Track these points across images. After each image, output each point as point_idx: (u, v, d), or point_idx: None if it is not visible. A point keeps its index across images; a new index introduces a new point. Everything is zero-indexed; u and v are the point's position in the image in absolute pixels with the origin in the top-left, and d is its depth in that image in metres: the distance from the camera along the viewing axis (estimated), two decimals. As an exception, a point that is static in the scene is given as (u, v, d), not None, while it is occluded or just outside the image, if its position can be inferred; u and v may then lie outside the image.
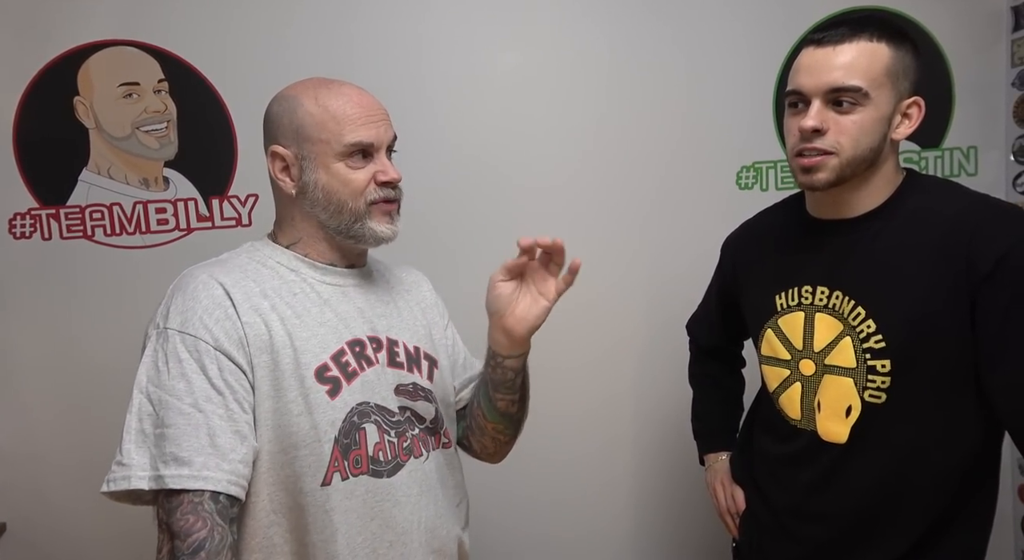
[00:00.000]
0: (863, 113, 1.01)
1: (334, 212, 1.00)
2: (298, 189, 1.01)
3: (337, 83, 1.02)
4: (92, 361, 1.73)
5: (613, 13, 1.74)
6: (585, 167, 1.78)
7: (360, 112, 0.99)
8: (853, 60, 1.00)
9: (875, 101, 1.01)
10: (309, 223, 1.03)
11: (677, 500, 1.86)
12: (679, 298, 1.80)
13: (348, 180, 0.99)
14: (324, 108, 0.99)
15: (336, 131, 0.98)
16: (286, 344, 0.96)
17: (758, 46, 1.76)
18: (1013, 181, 1.78)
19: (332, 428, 0.96)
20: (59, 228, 1.72)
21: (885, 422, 1.04)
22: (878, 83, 1.01)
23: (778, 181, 1.80)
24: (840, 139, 1.01)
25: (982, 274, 0.96)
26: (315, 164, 0.99)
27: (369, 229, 1.01)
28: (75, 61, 1.67)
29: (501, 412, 1.13)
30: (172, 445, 0.87)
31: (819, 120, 1.02)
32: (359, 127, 0.99)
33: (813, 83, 1.02)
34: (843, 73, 1.00)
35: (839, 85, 1.00)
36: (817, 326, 1.10)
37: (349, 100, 1.00)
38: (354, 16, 1.71)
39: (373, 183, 1.00)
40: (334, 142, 0.98)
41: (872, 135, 1.02)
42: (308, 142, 0.99)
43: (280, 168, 1.01)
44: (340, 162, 0.99)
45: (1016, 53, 1.75)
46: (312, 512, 0.95)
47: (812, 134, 1.02)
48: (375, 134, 1.00)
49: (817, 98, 1.02)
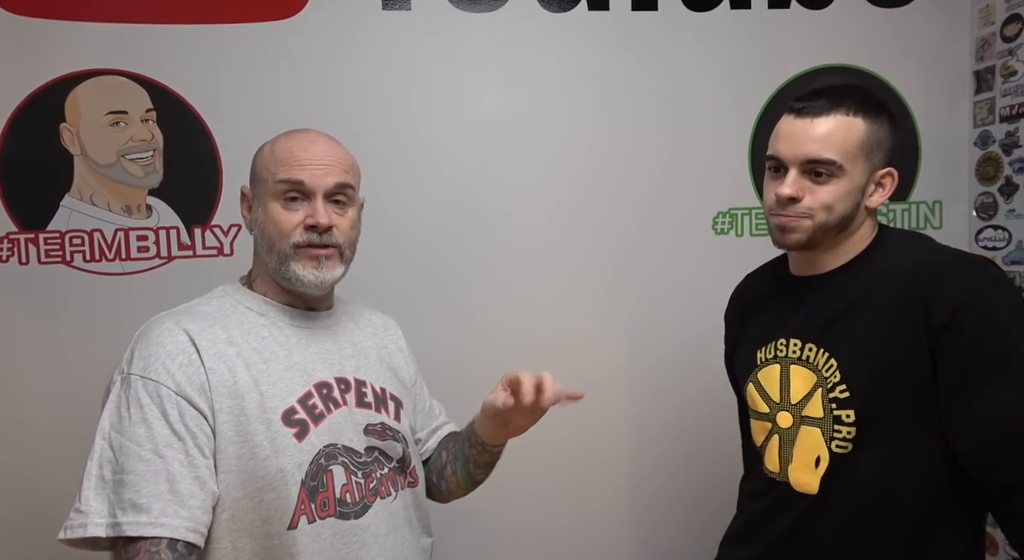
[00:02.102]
0: (837, 184, 1.05)
1: (267, 250, 1.03)
2: (251, 226, 1.06)
3: (305, 131, 1.05)
4: (65, 388, 1.70)
5: (595, 63, 1.80)
6: (566, 210, 1.81)
7: (304, 156, 1.01)
8: (829, 133, 1.05)
9: (849, 173, 1.05)
10: (259, 259, 1.07)
11: (673, 520, 1.87)
12: (656, 338, 1.84)
13: (278, 220, 1.01)
14: (274, 150, 1.03)
15: (273, 170, 1.01)
16: (252, 389, 0.96)
17: (735, 96, 1.82)
18: (975, 235, 1.85)
19: (299, 471, 0.96)
20: (37, 253, 1.70)
21: (853, 472, 1.06)
22: (852, 156, 1.05)
23: (752, 227, 1.85)
24: (814, 206, 1.06)
25: (939, 325, 0.98)
26: (259, 202, 1.03)
27: (293, 272, 1.01)
28: (64, 88, 1.68)
29: (475, 481, 1.19)
30: (131, 491, 0.87)
31: (795, 189, 1.06)
32: (293, 167, 1.00)
33: (791, 152, 1.07)
34: (819, 146, 1.05)
35: (815, 157, 1.05)
36: (792, 378, 1.13)
37: (299, 143, 1.02)
38: (344, 53, 1.74)
39: (302, 226, 1.01)
40: (270, 180, 1.01)
41: (845, 203, 1.06)
42: (256, 181, 1.05)
43: (245, 209, 1.08)
44: (276, 201, 1.01)
45: (978, 114, 1.83)
46: (278, 556, 0.94)
47: (788, 201, 1.07)
48: (308, 175, 1.00)
49: (794, 167, 1.07)
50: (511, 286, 1.80)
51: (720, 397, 1.46)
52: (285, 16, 1.72)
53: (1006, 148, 1.76)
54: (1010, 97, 1.74)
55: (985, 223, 1.83)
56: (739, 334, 1.29)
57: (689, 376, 1.82)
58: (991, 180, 1.80)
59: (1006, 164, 1.76)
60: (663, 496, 1.86)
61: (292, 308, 1.06)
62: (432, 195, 1.76)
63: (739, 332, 1.29)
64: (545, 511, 1.84)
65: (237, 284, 1.08)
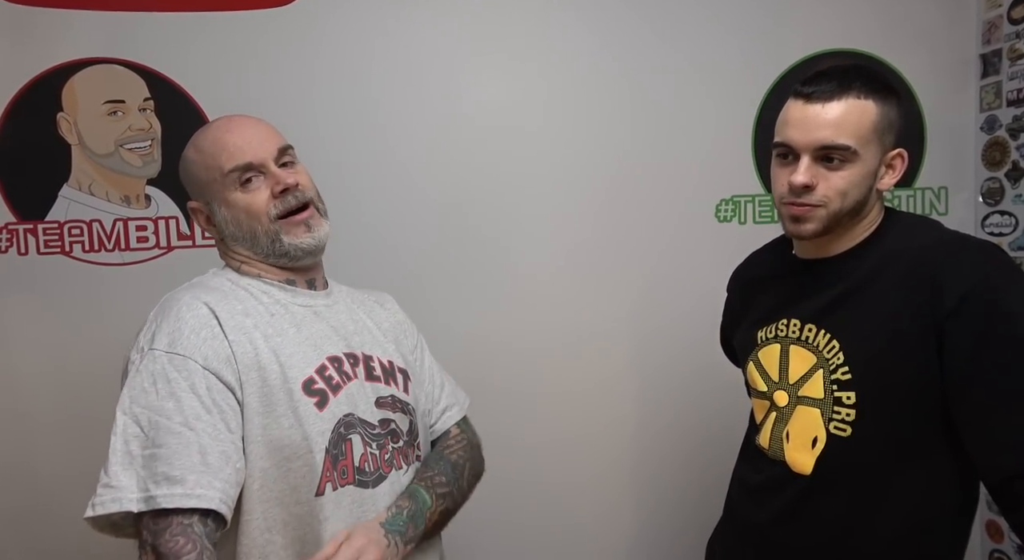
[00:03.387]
0: (852, 169, 1.03)
1: (250, 238, 1.02)
2: (219, 232, 1.04)
3: (216, 121, 1.05)
4: (66, 379, 1.70)
5: (595, 50, 1.78)
6: (566, 199, 1.80)
7: (230, 137, 1.01)
8: (842, 118, 1.02)
9: (863, 158, 1.03)
10: (240, 256, 1.06)
11: (676, 522, 1.86)
12: (659, 327, 1.83)
13: (247, 205, 1.01)
14: (199, 150, 1.02)
15: (216, 166, 1.00)
16: (272, 360, 0.97)
17: (738, 82, 1.80)
18: (982, 221, 1.83)
19: (322, 438, 0.97)
20: (36, 243, 1.70)
21: (849, 456, 1.05)
22: (866, 140, 1.03)
23: (756, 214, 1.83)
24: (829, 194, 1.04)
25: (947, 310, 0.97)
26: (218, 204, 1.02)
27: (289, 244, 1.02)
28: (60, 77, 1.67)
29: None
30: (164, 464, 0.87)
31: (809, 177, 1.03)
32: (234, 152, 1.00)
33: (803, 139, 1.04)
34: (832, 132, 1.02)
35: (828, 143, 1.02)
36: (792, 358, 1.12)
37: (216, 132, 1.02)
38: (341, 40, 1.73)
39: (272, 198, 1.01)
40: (220, 177, 1.00)
41: (860, 189, 1.04)
42: (203, 186, 1.02)
43: (204, 221, 1.05)
44: (236, 192, 1.00)
45: (984, 99, 1.81)
46: (308, 522, 0.96)
47: (802, 190, 1.04)
48: (253, 151, 1.01)
49: (806, 154, 1.04)
50: (513, 275, 1.79)
51: (727, 386, 1.46)
52: (283, 3, 1.71)
53: (1013, 133, 1.74)
54: (1017, 81, 1.72)
55: (991, 209, 1.81)
56: (740, 312, 1.29)
57: (693, 365, 1.81)
58: (998, 165, 1.79)
59: (1013, 149, 1.74)
60: (670, 492, 1.86)
61: (291, 286, 1.06)
62: (432, 187, 1.75)
63: (740, 309, 1.29)
64: (556, 506, 1.84)
65: (228, 269, 1.08)
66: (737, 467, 1.29)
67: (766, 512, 1.15)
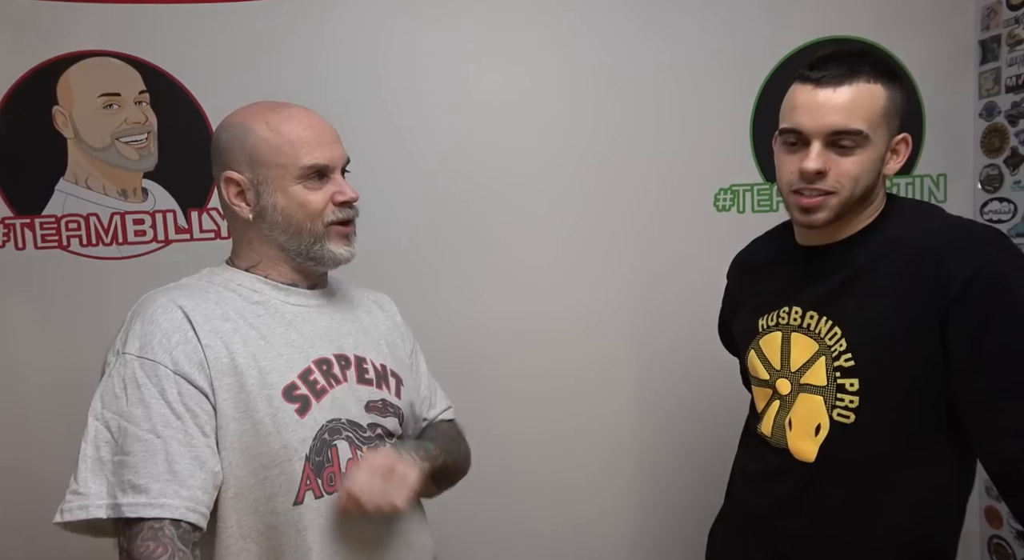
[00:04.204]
0: (863, 154, 1.02)
1: (293, 234, 1.01)
2: (256, 213, 1.01)
3: (285, 106, 1.03)
4: (64, 373, 1.70)
5: (593, 38, 1.77)
6: (564, 186, 1.80)
7: (313, 134, 1.01)
8: (853, 102, 1.01)
9: (874, 142, 1.02)
10: (268, 246, 1.03)
11: (671, 500, 1.87)
12: (658, 316, 1.83)
13: (306, 202, 1.00)
14: (277, 132, 1.00)
15: (292, 155, 0.99)
16: (250, 365, 0.95)
17: (736, 71, 1.79)
18: (980, 209, 1.83)
19: (303, 446, 0.96)
20: (33, 238, 1.70)
21: (853, 443, 1.05)
22: (876, 124, 1.02)
23: (755, 203, 1.83)
24: (841, 180, 1.03)
25: (950, 295, 0.97)
26: (272, 188, 1.00)
27: (328, 251, 1.03)
28: (55, 70, 1.66)
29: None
30: (130, 473, 0.86)
31: (821, 162, 1.02)
32: (314, 149, 1.00)
33: (814, 124, 1.03)
34: (844, 116, 1.01)
35: (841, 128, 1.01)
36: (793, 345, 1.12)
37: (300, 123, 1.01)
38: (338, 32, 1.72)
39: (331, 204, 1.02)
40: (291, 166, 0.99)
41: (871, 174, 1.04)
42: (264, 167, 1.00)
43: (235, 194, 1.02)
44: (298, 184, 1.00)
45: (983, 85, 1.80)
46: (285, 532, 0.95)
47: (815, 176, 1.03)
48: (330, 156, 1.02)
49: (818, 140, 1.03)
50: (511, 265, 1.79)
51: (727, 375, 1.46)
52: (279, -6, 1.70)
53: (1012, 119, 1.73)
54: (1016, 66, 1.71)
55: (990, 195, 1.81)
56: (740, 299, 1.28)
57: (693, 355, 1.81)
58: (997, 152, 1.78)
59: (1012, 135, 1.74)
60: (670, 483, 1.87)
61: (292, 287, 1.05)
62: (428, 178, 1.75)
63: (740, 297, 1.28)
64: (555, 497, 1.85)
65: (224, 265, 1.07)
66: (738, 455, 1.29)
67: (768, 500, 1.15)
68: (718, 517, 1.33)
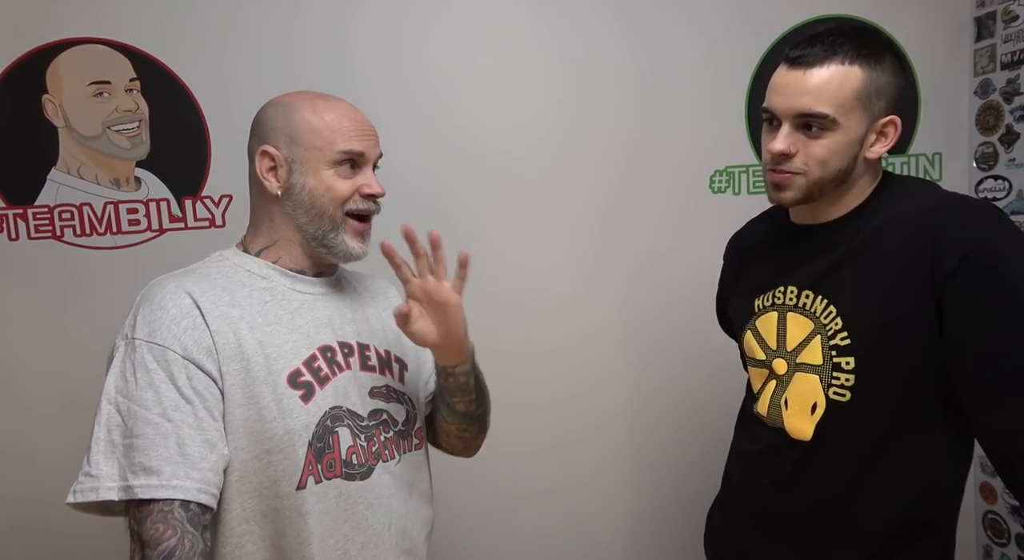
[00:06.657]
0: (832, 138, 1.02)
1: (315, 216, 1.03)
2: (284, 190, 1.03)
3: (335, 98, 1.07)
4: (60, 364, 1.70)
5: (587, 19, 1.76)
6: (559, 169, 1.79)
7: (353, 125, 1.04)
8: (822, 86, 1.01)
9: (844, 126, 1.02)
10: (287, 226, 1.04)
11: (669, 490, 1.89)
12: (653, 299, 1.83)
13: (333, 187, 1.02)
14: (321, 118, 1.03)
15: (330, 139, 1.02)
16: (257, 351, 0.96)
17: (731, 51, 1.78)
18: (975, 187, 1.83)
19: (306, 432, 0.97)
20: (27, 228, 1.69)
21: (849, 421, 1.06)
22: (847, 108, 1.02)
23: (750, 185, 1.83)
24: (808, 162, 1.04)
25: (947, 272, 0.97)
26: (305, 168, 1.02)
27: (342, 242, 1.04)
28: (44, 58, 1.64)
29: (462, 414, 1.16)
30: (141, 455, 0.88)
31: (787, 144, 1.04)
32: (352, 137, 1.03)
33: (783, 106, 1.04)
34: (811, 99, 1.01)
35: (806, 111, 1.02)
36: (789, 325, 1.13)
37: (344, 113, 1.04)
38: (329, 17, 1.70)
39: (357, 194, 1.04)
40: (327, 149, 1.02)
41: (842, 157, 1.04)
42: (301, 147, 1.02)
43: (267, 168, 1.03)
44: (330, 169, 1.02)
45: (979, 62, 1.80)
46: (288, 516, 0.96)
47: (780, 157, 1.04)
48: (365, 146, 1.05)
49: (787, 121, 1.04)
50: (504, 246, 1.79)
51: (719, 356, 1.46)
52: (268, -21, 1.68)
53: (1007, 96, 1.73)
54: (1011, 43, 1.71)
55: (985, 173, 1.81)
56: (736, 280, 1.28)
57: (685, 335, 1.82)
58: (992, 130, 1.78)
59: (1007, 112, 1.73)
60: (662, 459, 1.88)
61: (299, 275, 1.06)
62: (420, 156, 1.73)
63: (736, 278, 1.29)
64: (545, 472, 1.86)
65: (234, 249, 1.08)
66: (735, 436, 1.30)
67: (765, 479, 1.16)
68: (716, 499, 1.34)
